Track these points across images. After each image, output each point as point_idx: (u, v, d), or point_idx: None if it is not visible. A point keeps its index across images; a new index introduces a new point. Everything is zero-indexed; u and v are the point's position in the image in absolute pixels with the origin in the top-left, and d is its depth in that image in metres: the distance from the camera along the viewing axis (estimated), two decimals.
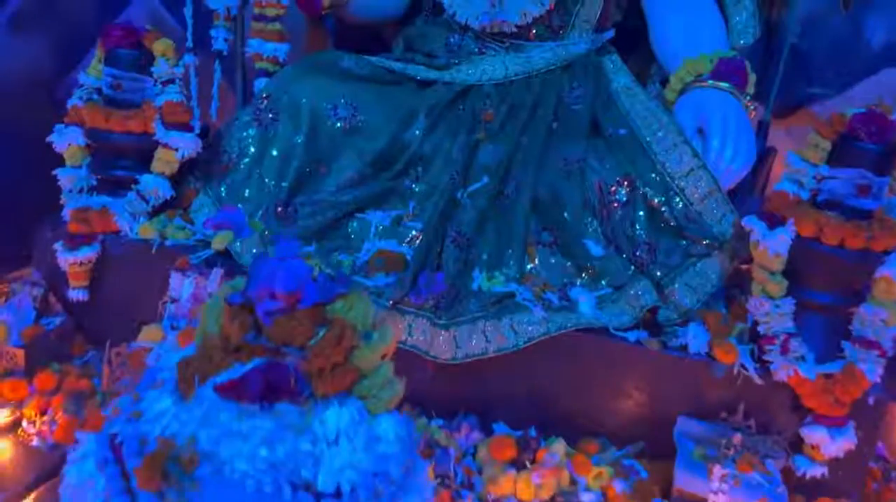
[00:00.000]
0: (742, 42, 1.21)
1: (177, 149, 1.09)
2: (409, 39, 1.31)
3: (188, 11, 1.27)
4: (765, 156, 1.33)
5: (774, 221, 0.98)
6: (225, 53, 1.26)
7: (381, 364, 0.65)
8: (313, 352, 0.62)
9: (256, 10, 1.20)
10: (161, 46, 1.09)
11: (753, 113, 1.11)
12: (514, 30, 1.21)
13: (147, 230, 1.11)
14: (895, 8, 1.38)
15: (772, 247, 0.96)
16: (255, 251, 1.07)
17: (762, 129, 1.36)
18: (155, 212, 1.15)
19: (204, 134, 1.22)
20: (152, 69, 1.10)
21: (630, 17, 1.34)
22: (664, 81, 1.27)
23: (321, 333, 0.63)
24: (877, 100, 1.03)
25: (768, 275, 0.98)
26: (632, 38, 1.37)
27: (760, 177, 1.36)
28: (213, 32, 1.26)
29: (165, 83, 1.09)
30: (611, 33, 1.29)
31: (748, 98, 1.10)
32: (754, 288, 0.99)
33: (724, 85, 1.09)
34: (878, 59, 1.41)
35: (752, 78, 1.11)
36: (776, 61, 1.36)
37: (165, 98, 1.09)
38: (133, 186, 1.11)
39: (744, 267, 1.08)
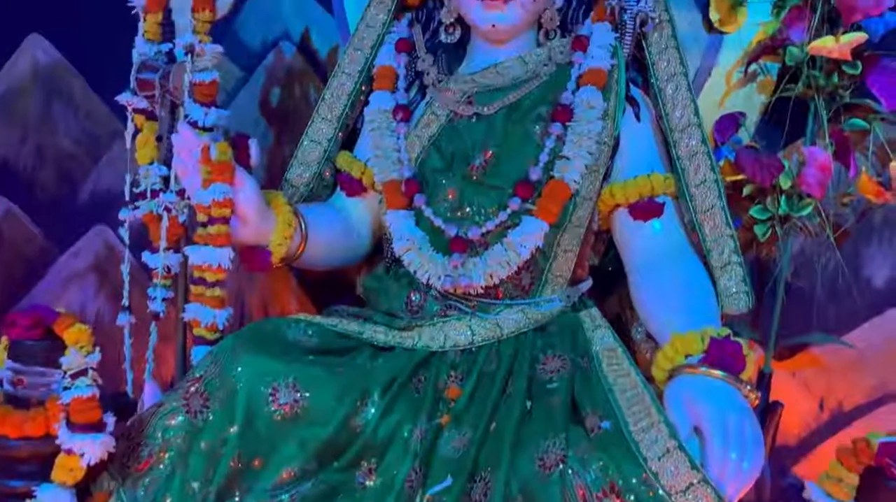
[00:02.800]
0: (734, 309, 1.05)
1: (82, 455, 0.89)
2: (369, 291, 1.16)
3: (125, 268, 1.12)
4: (770, 412, 1.14)
5: None
6: (162, 316, 1.10)
7: None
8: None
9: (195, 274, 1.03)
10: (74, 335, 0.92)
11: (756, 401, 0.92)
12: (481, 291, 1.05)
13: None
14: (888, 249, 1.23)
15: None
16: None
17: (764, 382, 1.18)
18: None
19: (128, 409, 1.04)
20: (61, 360, 0.92)
21: (606, 258, 1.20)
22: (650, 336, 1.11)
23: None
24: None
25: None
26: (609, 277, 1.22)
27: (767, 436, 1.17)
28: (150, 292, 1.10)
29: (76, 376, 0.91)
30: (588, 284, 1.14)
31: (749, 387, 0.92)
32: None
33: (718, 373, 0.92)
34: (882, 299, 1.26)
35: (752, 357, 0.93)
36: (771, 303, 1.20)
37: (74, 394, 0.90)
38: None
39: None
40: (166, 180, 1.13)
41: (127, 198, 1.14)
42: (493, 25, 1.08)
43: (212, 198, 1.02)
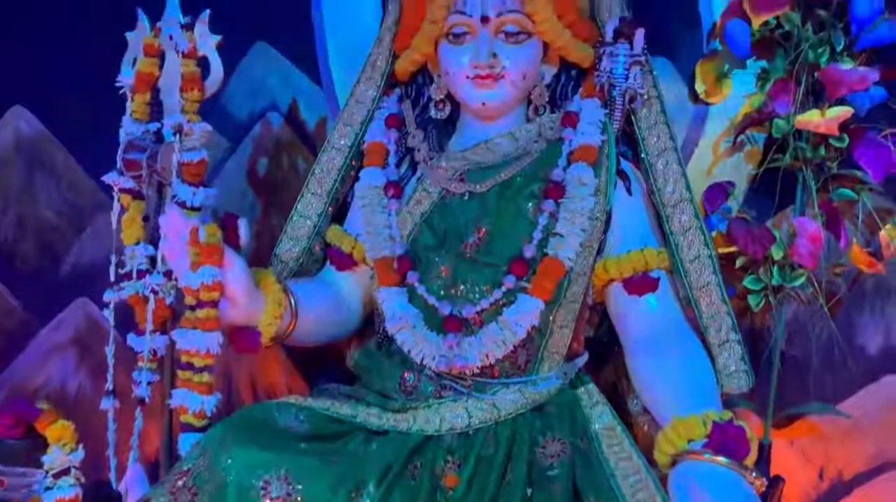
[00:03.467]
0: (734, 388, 1.04)
1: None
2: (361, 368, 1.13)
3: (109, 351, 1.08)
4: (772, 487, 1.12)
5: None
6: (147, 401, 1.07)
7: None
8: None
9: (183, 359, 1.00)
10: (57, 432, 0.88)
11: (762, 488, 0.90)
12: (476, 371, 1.02)
13: None
14: (889, 310, 1.23)
15: None
16: None
17: (764, 454, 1.15)
18: None
19: None
20: (44, 459, 0.88)
21: (601, 329, 1.18)
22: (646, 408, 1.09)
23: None
24: None
25: None
26: (603, 346, 1.20)
27: None
28: (135, 375, 1.07)
29: (58, 475, 0.87)
30: (584, 358, 1.12)
31: (754, 474, 0.90)
32: None
33: (722, 460, 0.89)
34: (877, 366, 1.24)
35: (755, 442, 0.91)
36: (767, 373, 1.19)
37: (57, 495, 0.86)
38: None
39: None
40: (152, 260, 1.11)
41: (112, 278, 1.11)
42: (484, 103, 1.08)
43: (200, 282, 0.99)
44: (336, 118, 1.25)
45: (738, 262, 1.15)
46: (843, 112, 1.07)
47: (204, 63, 1.11)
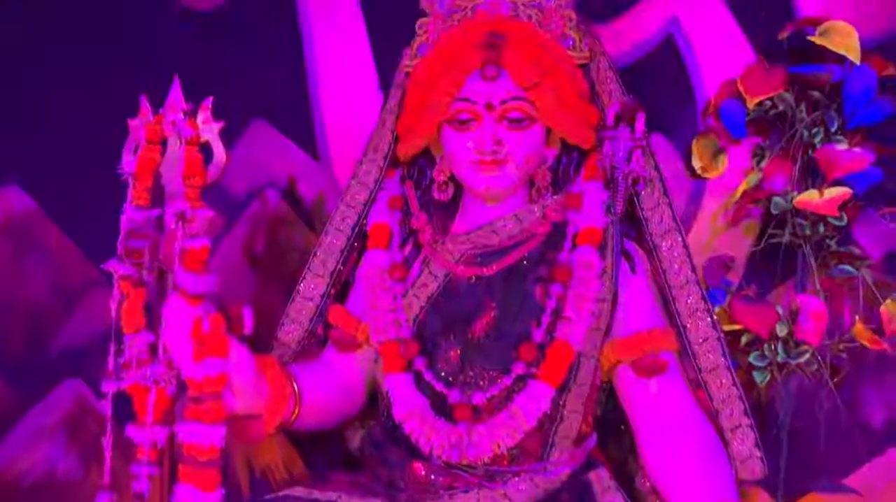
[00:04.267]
0: (748, 475, 1.03)
1: None
2: (368, 457, 1.10)
3: (107, 444, 1.04)
4: None
5: None
6: (146, 496, 1.03)
7: None
8: None
9: (186, 453, 0.97)
10: None
11: None
12: (487, 460, 1.00)
13: None
14: (890, 382, 1.23)
15: None
16: None
17: None
18: None
19: None
20: None
21: (608, 407, 1.17)
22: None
23: None
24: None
25: None
26: (612, 425, 1.18)
27: None
28: (134, 469, 1.03)
29: None
30: (593, 439, 1.10)
31: None
32: None
33: None
34: (883, 439, 1.24)
35: None
36: (774, 448, 1.18)
37: None
38: None
39: None
40: (153, 348, 1.08)
41: (110, 368, 1.08)
42: (488, 187, 1.08)
43: (204, 374, 0.96)
44: (336, 195, 1.25)
45: (744, 339, 1.16)
46: (842, 193, 1.09)
47: (206, 148, 1.10)
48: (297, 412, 1.07)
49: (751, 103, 1.16)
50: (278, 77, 1.41)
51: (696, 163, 1.25)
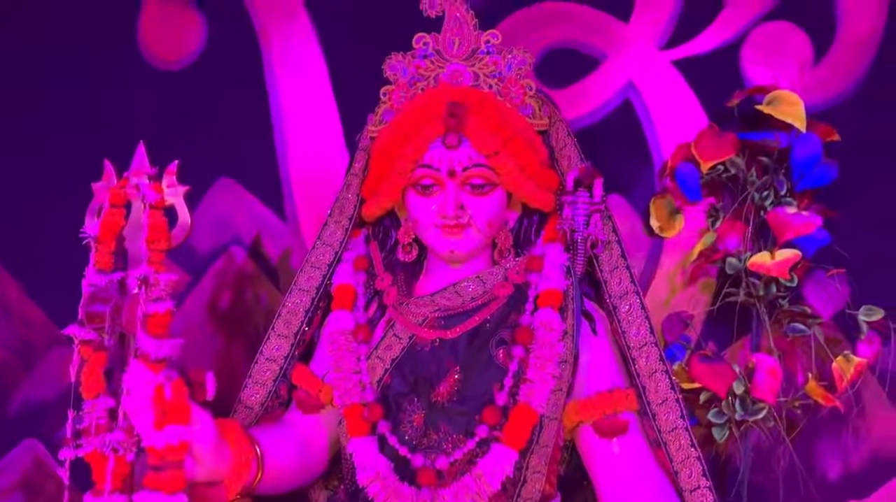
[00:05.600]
0: None
1: None
2: None
3: None
4: None
5: None
6: None
7: None
8: None
9: None
10: None
11: None
12: None
13: None
14: (844, 436, 1.25)
15: None
16: None
17: None
18: None
19: None
20: None
21: (571, 466, 1.17)
22: None
23: None
24: None
25: None
26: (574, 483, 1.18)
27: None
28: None
29: None
30: (557, 500, 1.11)
31: None
32: None
33: None
34: (839, 492, 1.26)
35: None
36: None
37: None
38: None
39: None
40: (112, 413, 1.06)
41: (68, 435, 1.06)
42: (452, 251, 1.09)
43: (166, 442, 0.95)
44: (302, 253, 1.25)
45: (703, 397, 1.18)
46: (792, 255, 1.13)
47: (171, 212, 1.10)
48: (259, 476, 1.06)
49: (705, 167, 1.20)
50: (245, 135, 1.41)
51: (654, 223, 1.28)
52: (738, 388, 1.15)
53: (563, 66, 1.34)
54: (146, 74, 1.41)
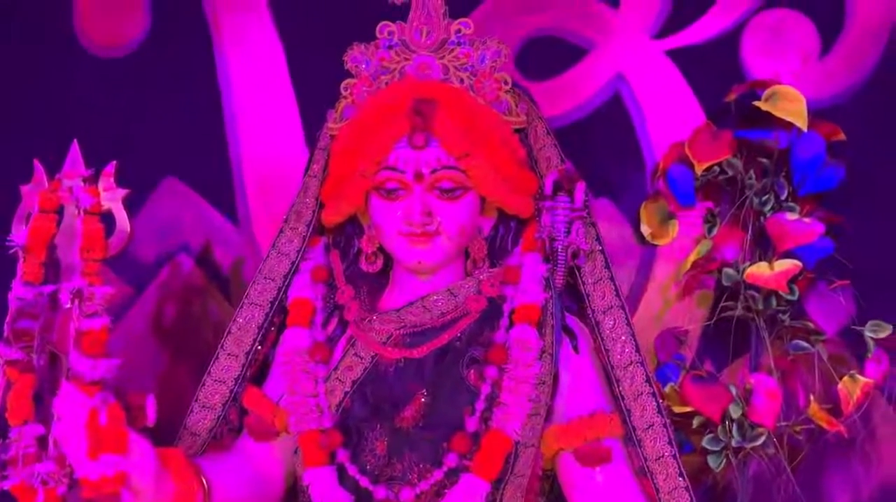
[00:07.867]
0: None
1: None
2: None
3: None
4: None
5: None
6: None
7: None
8: None
9: None
10: None
11: None
12: None
13: None
14: (854, 464, 1.29)
15: None
16: None
17: None
18: None
19: None
20: None
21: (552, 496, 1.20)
22: None
23: None
24: None
25: None
26: None
27: None
28: None
29: None
30: None
31: None
32: None
33: None
34: None
35: None
36: None
37: None
38: None
39: None
40: (42, 441, 1.08)
41: None
42: (420, 261, 1.12)
43: (101, 473, 0.97)
44: (256, 262, 1.27)
45: (696, 422, 1.21)
46: (791, 266, 1.17)
47: (108, 218, 1.13)
48: None
49: (699, 169, 1.23)
50: (194, 131, 1.43)
51: (645, 230, 1.32)
52: (735, 412, 1.18)
53: (546, 57, 1.38)
54: (82, 62, 1.43)
